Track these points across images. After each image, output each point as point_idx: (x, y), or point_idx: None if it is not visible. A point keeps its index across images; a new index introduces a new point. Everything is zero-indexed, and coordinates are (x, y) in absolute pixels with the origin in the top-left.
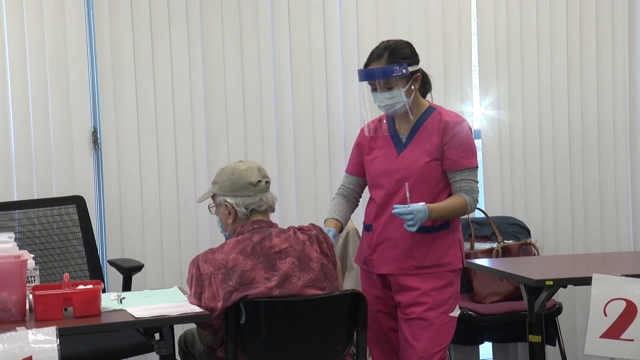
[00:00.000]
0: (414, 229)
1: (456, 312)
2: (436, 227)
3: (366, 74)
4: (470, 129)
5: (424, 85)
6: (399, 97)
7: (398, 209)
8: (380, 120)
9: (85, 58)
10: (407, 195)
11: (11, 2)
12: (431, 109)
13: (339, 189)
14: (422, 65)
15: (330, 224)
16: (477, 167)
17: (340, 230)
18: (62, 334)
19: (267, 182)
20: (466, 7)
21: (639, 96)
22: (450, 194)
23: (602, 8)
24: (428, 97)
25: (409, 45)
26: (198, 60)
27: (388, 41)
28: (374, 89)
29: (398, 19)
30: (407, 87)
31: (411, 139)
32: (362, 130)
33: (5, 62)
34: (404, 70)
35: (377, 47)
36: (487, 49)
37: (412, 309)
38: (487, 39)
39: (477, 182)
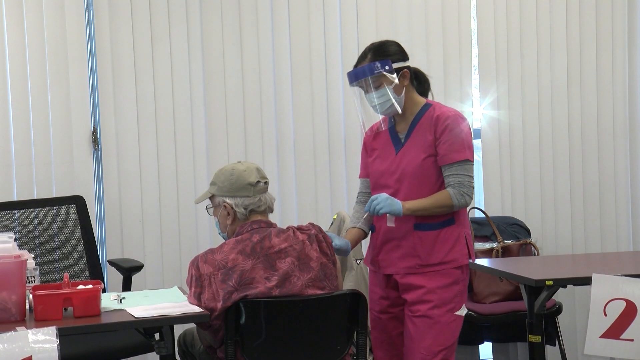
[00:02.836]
0: (384, 210)
1: (462, 311)
2: (440, 224)
3: (351, 75)
4: (463, 121)
5: (421, 84)
6: (388, 94)
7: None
8: (381, 121)
9: (85, 58)
10: (365, 217)
11: (11, 2)
12: (427, 105)
13: (357, 196)
14: (423, 65)
15: (349, 234)
16: (470, 160)
17: (364, 237)
18: (62, 334)
19: (266, 183)
20: (466, 7)
21: (639, 96)
22: None
23: (602, 8)
24: (430, 97)
25: (394, 43)
26: (198, 60)
27: (373, 43)
28: (365, 91)
29: (398, 19)
30: (394, 83)
31: (408, 137)
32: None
33: (5, 62)
34: (387, 67)
35: (363, 50)
36: (487, 49)
37: (418, 306)
38: (487, 39)
39: (470, 176)
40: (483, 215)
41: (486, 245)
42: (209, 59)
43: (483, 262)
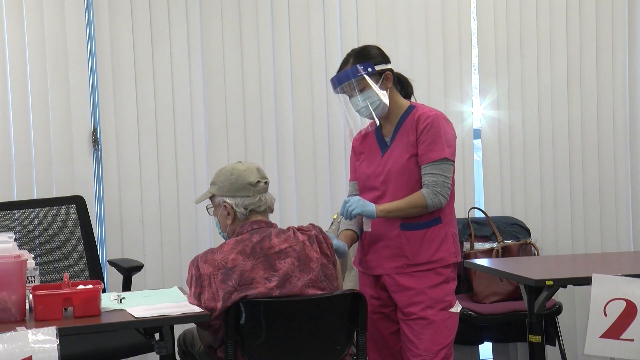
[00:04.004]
0: (356, 211)
1: (457, 308)
2: (426, 223)
3: (335, 81)
4: (445, 121)
5: (405, 87)
6: (373, 97)
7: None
8: (369, 125)
9: (85, 58)
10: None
11: (11, 2)
12: (411, 107)
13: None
14: (423, 65)
15: (342, 237)
16: (448, 159)
17: (357, 239)
18: (62, 334)
19: (266, 183)
20: (466, 7)
21: (639, 96)
22: None
23: (602, 8)
24: (413, 100)
25: (375, 47)
26: (198, 60)
27: (354, 49)
28: (350, 96)
29: (398, 19)
30: (378, 85)
31: (394, 139)
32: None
33: (5, 62)
34: (370, 69)
35: (345, 56)
36: (487, 49)
37: (410, 309)
38: (487, 39)
39: (446, 175)
40: (483, 215)
41: (486, 245)
42: (209, 59)
43: (483, 262)
